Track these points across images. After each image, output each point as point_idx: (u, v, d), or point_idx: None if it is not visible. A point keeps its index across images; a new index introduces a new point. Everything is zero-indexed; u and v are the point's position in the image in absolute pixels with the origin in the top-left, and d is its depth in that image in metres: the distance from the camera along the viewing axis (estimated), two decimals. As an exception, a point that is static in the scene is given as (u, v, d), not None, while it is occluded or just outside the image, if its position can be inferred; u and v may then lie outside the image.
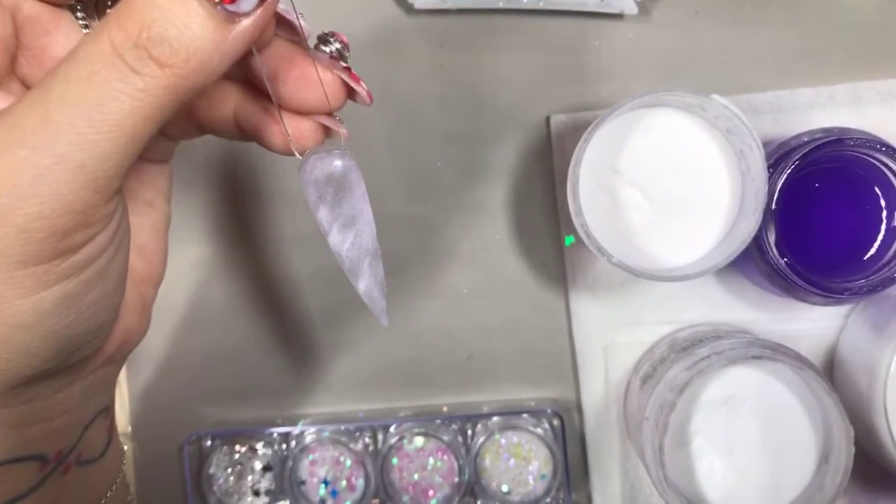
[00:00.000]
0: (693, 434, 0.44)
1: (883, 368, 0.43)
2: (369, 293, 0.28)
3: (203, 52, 0.21)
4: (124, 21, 0.21)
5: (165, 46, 0.21)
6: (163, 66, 0.21)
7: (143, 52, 0.21)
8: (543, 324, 0.50)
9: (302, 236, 0.50)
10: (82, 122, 0.21)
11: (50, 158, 0.21)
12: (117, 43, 0.21)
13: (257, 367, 0.51)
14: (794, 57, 0.48)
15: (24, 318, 0.22)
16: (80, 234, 0.22)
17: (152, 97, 0.21)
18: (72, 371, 0.26)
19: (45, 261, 0.22)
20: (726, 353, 0.42)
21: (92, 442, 0.29)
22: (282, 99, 0.26)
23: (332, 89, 0.26)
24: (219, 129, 0.28)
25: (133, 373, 0.51)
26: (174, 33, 0.21)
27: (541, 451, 0.49)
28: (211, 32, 0.21)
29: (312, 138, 0.27)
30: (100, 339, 0.27)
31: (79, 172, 0.21)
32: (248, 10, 0.21)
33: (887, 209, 0.43)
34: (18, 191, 0.21)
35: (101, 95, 0.21)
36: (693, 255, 0.42)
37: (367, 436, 0.50)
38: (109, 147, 0.21)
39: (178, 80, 0.21)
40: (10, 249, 0.21)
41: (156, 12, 0.21)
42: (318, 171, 0.27)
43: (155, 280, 0.31)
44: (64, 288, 0.23)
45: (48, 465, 0.27)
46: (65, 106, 0.21)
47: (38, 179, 0.21)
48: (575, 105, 0.48)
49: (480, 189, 0.49)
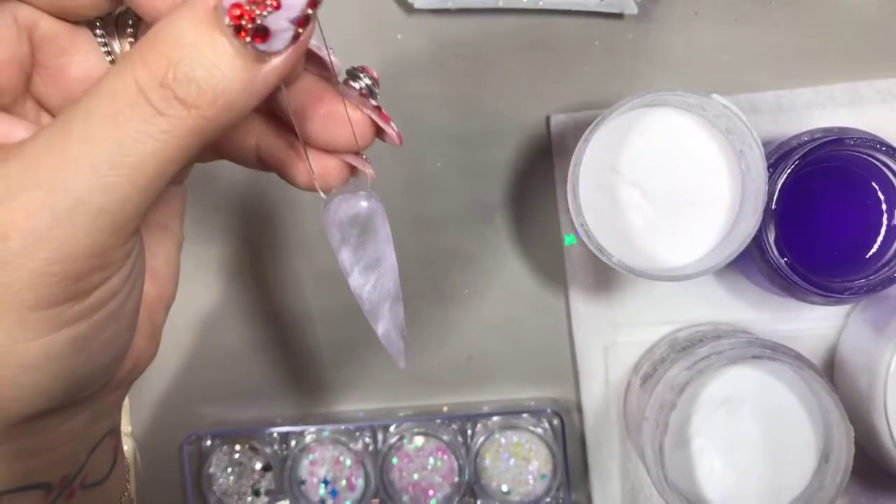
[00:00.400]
0: (693, 434, 0.44)
1: (883, 368, 0.43)
2: (388, 335, 0.27)
3: (231, 93, 0.20)
4: (149, 57, 0.20)
5: (192, 87, 0.20)
6: (189, 108, 0.20)
7: (168, 92, 0.20)
8: (543, 324, 0.50)
9: (304, 239, 0.50)
10: (103, 164, 0.20)
11: (68, 202, 0.20)
12: (142, 82, 0.20)
13: (257, 366, 0.51)
14: (793, 56, 0.48)
15: (34, 360, 0.21)
16: (96, 276, 0.21)
17: (176, 139, 0.20)
18: (79, 404, 0.26)
19: (57, 304, 0.21)
20: (726, 353, 0.42)
21: (97, 464, 0.28)
22: (308, 136, 0.25)
23: (360, 128, 0.25)
24: (238, 158, 0.27)
25: (133, 373, 0.51)
26: (202, 73, 0.20)
27: (541, 450, 0.49)
28: (240, 72, 0.20)
29: (338, 177, 0.26)
30: (109, 374, 0.26)
31: (98, 216, 0.20)
32: (280, 48, 0.20)
33: (887, 209, 0.43)
34: (34, 235, 0.20)
35: (123, 136, 0.20)
36: (693, 255, 0.42)
37: (367, 435, 0.50)
38: (130, 190, 0.20)
39: (204, 121, 0.20)
40: (22, 293, 0.20)
41: (183, 50, 0.20)
42: (343, 213, 0.26)
43: (166, 302, 0.30)
44: (75, 330, 0.22)
45: (53, 493, 0.26)
46: (86, 145, 0.20)
47: (56, 223, 0.20)
48: (575, 105, 0.48)
49: (480, 189, 0.49)
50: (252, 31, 0.20)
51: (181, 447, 0.50)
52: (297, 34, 0.20)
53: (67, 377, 0.23)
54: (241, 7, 0.19)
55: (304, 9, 0.20)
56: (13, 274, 0.20)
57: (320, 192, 0.26)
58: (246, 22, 0.20)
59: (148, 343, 0.29)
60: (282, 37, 0.20)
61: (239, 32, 0.20)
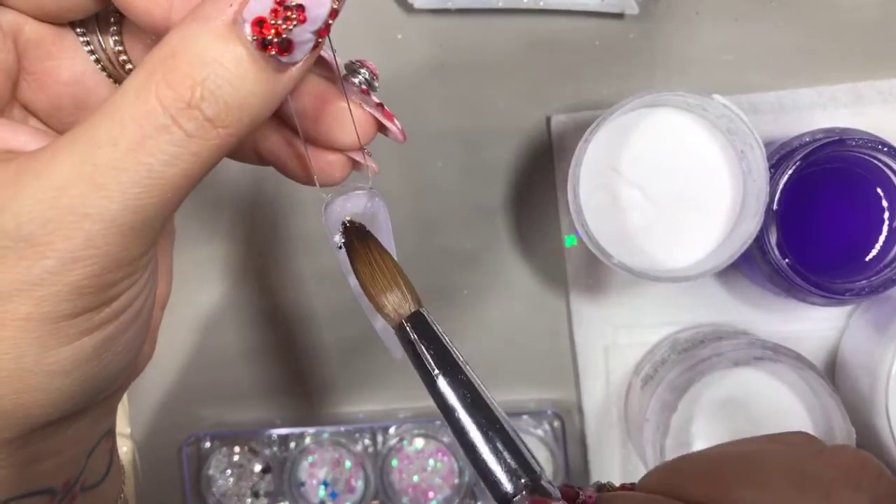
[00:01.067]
0: (695, 435, 0.44)
1: (885, 369, 0.43)
2: (385, 331, 0.27)
3: (256, 108, 0.20)
4: (173, 77, 0.19)
5: (221, 105, 0.20)
6: (217, 127, 0.20)
7: (197, 112, 0.19)
8: (544, 325, 0.50)
9: (305, 239, 0.49)
10: (133, 189, 0.20)
11: (101, 224, 0.20)
12: (168, 103, 0.19)
13: (257, 368, 0.51)
14: (795, 56, 0.48)
15: (64, 366, 0.22)
16: (125, 283, 0.22)
17: (204, 159, 0.20)
18: (89, 406, 0.26)
19: (89, 311, 0.21)
20: (728, 355, 0.42)
21: (95, 467, 0.28)
22: (311, 134, 0.25)
23: (363, 126, 0.25)
24: (238, 156, 0.27)
25: (132, 374, 0.51)
26: (228, 90, 0.19)
27: (541, 452, 0.49)
28: (264, 86, 0.20)
29: (340, 172, 0.26)
30: (124, 377, 0.26)
31: (128, 233, 0.20)
32: (300, 58, 0.20)
33: (889, 210, 0.43)
34: (70, 254, 0.20)
35: (153, 162, 0.20)
36: (694, 256, 0.42)
37: (367, 437, 0.50)
38: (159, 207, 0.20)
39: (231, 138, 0.20)
40: (59, 305, 0.21)
41: (208, 68, 0.19)
42: (345, 212, 0.26)
43: (162, 302, 0.30)
44: (104, 333, 0.22)
45: (56, 497, 0.26)
46: (114, 172, 0.20)
47: (90, 243, 0.20)
48: (575, 105, 0.48)
49: (480, 189, 0.49)
50: (278, 44, 0.19)
51: (180, 449, 0.50)
52: (318, 43, 0.20)
53: (93, 380, 0.23)
54: (266, 22, 0.19)
55: (326, 19, 0.20)
56: (50, 289, 0.20)
57: (320, 190, 0.26)
58: (272, 37, 0.19)
59: (146, 345, 0.29)
60: (304, 47, 0.20)
61: (265, 47, 0.19)
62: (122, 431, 0.50)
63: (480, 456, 0.24)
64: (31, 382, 0.22)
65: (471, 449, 0.24)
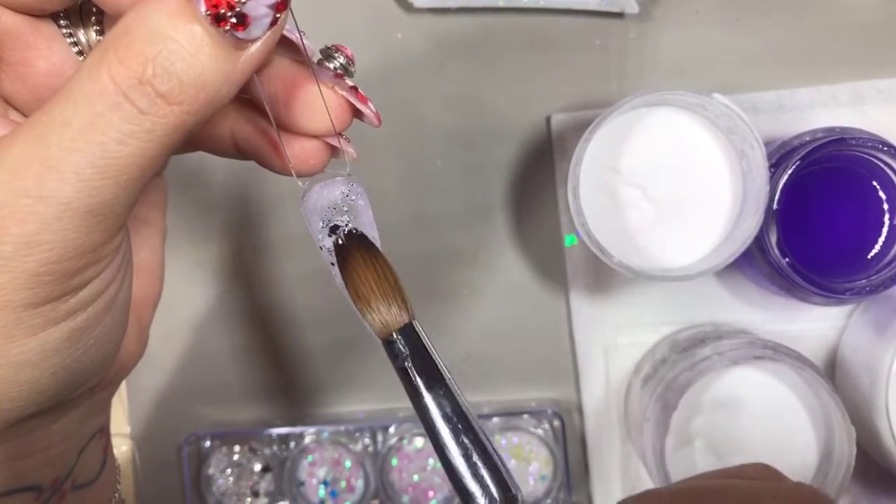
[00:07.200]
0: (694, 435, 0.44)
1: (885, 369, 0.43)
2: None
3: (213, 85, 0.20)
4: (125, 54, 0.19)
5: (174, 82, 0.19)
6: (171, 104, 0.19)
7: (149, 89, 0.19)
8: (544, 324, 0.50)
9: (300, 236, 0.49)
10: (87, 169, 0.19)
11: (56, 207, 0.19)
12: (119, 80, 0.19)
13: (256, 367, 0.51)
14: (795, 56, 0.48)
15: (32, 357, 0.21)
16: (89, 271, 0.21)
17: (160, 136, 0.20)
18: (71, 403, 0.26)
19: (52, 300, 0.21)
20: (727, 354, 0.42)
21: (87, 465, 0.28)
22: (284, 121, 0.24)
23: (337, 111, 0.24)
24: (215, 149, 0.27)
25: (132, 373, 0.50)
26: (182, 66, 0.19)
27: (541, 451, 0.49)
28: (221, 62, 0.19)
29: (318, 159, 0.25)
30: (104, 370, 0.26)
31: (86, 217, 0.20)
32: (259, 35, 0.20)
33: (889, 209, 0.43)
34: (25, 239, 0.20)
35: (105, 140, 0.19)
36: (694, 255, 0.42)
37: (367, 436, 0.50)
38: (116, 189, 0.20)
39: (188, 116, 0.20)
40: (17, 293, 0.20)
41: (161, 44, 0.19)
42: (323, 200, 0.25)
43: (153, 300, 0.30)
44: (71, 324, 0.22)
45: (43, 495, 0.26)
46: (67, 153, 0.19)
47: (46, 227, 0.20)
48: (575, 104, 0.48)
49: (480, 189, 0.49)
50: (233, 19, 0.19)
51: (180, 448, 0.50)
52: (276, 19, 0.20)
53: (65, 373, 0.23)
54: None
55: None
56: (6, 276, 0.20)
57: (296, 178, 0.25)
58: (225, 10, 0.19)
59: (135, 342, 0.29)
60: (261, 23, 0.20)
61: (219, 21, 0.19)
62: (122, 431, 0.50)
63: (460, 478, 0.24)
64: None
65: (450, 469, 0.25)
